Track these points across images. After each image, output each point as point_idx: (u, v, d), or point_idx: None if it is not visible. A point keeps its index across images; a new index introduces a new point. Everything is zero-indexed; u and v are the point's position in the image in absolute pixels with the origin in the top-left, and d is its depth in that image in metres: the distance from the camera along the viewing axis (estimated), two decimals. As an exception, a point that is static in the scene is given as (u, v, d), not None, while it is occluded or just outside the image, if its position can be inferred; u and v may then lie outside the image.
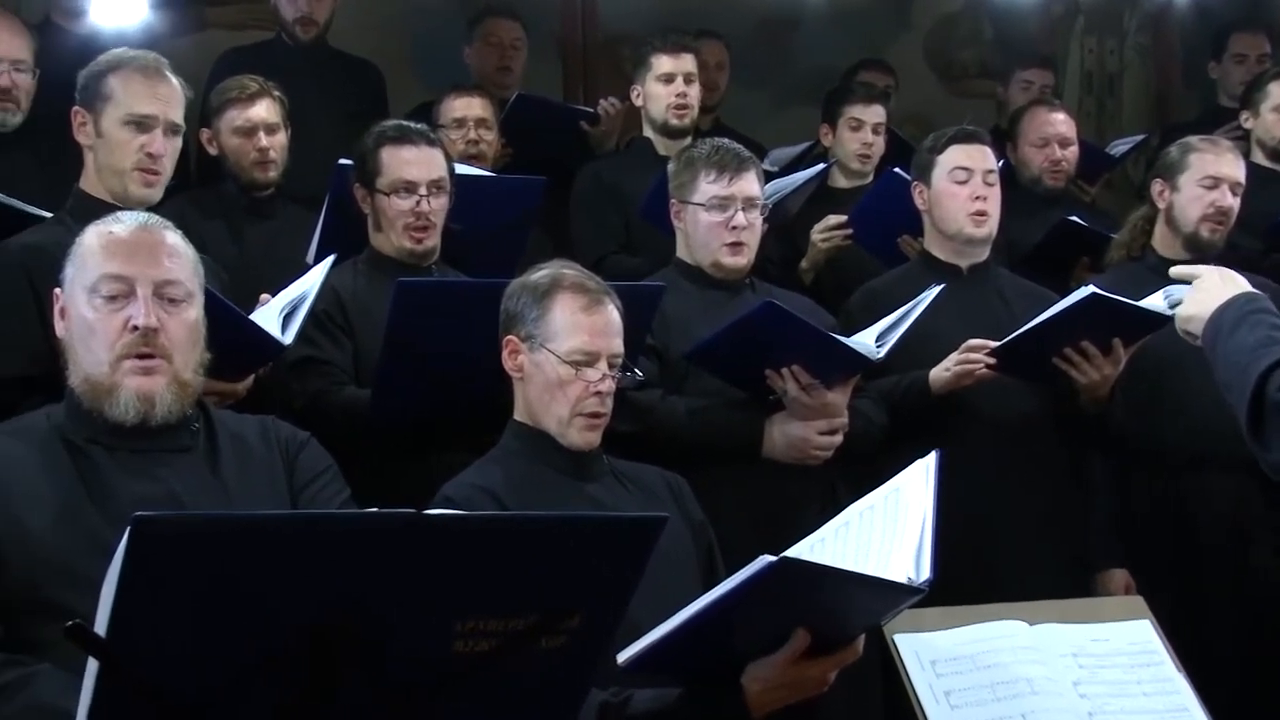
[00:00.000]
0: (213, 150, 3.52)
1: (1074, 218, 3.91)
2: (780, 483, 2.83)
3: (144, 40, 3.72)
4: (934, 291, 2.92)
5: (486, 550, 1.43)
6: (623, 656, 1.77)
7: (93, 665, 1.34)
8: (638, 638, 1.79)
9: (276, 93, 3.48)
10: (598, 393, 2.27)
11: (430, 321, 2.63)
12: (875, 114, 4.21)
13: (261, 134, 3.43)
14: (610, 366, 2.30)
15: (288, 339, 2.56)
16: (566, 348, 2.27)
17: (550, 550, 1.47)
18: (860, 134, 4.19)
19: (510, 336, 2.34)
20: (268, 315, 2.59)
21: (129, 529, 1.28)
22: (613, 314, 2.33)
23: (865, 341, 2.84)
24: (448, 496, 2.21)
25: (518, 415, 2.37)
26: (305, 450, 2.15)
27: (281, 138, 3.48)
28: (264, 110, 3.44)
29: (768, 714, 1.84)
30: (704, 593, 1.75)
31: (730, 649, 1.82)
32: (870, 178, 4.17)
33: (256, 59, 4.02)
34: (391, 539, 1.36)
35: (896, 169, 3.73)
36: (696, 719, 1.86)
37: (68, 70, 2.89)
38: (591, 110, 4.47)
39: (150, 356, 1.98)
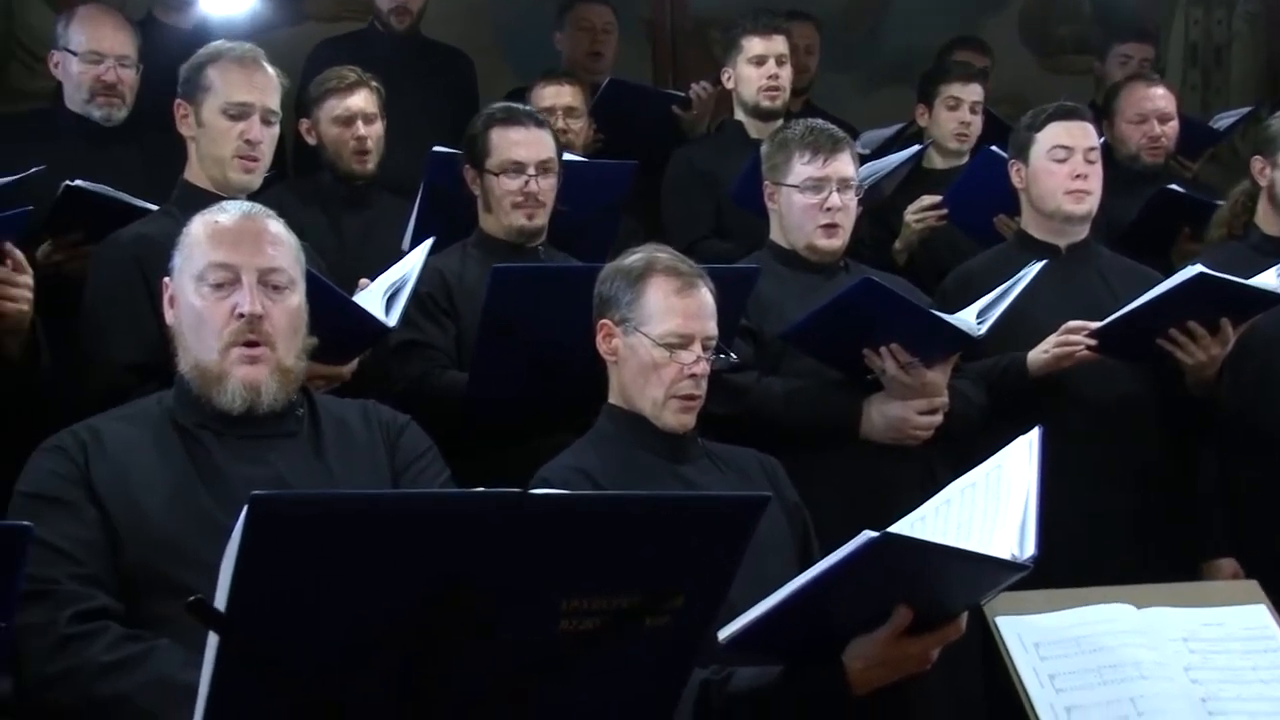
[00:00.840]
0: (311, 140, 3.59)
1: (1172, 185, 3.82)
2: (878, 464, 2.82)
3: (245, 33, 3.79)
4: (1036, 268, 2.89)
5: (592, 530, 1.45)
6: (723, 634, 1.78)
7: (212, 639, 1.38)
8: (734, 618, 1.80)
9: (374, 83, 3.54)
10: (692, 375, 2.29)
11: (526, 306, 2.67)
12: (973, 93, 4.15)
13: (359, 123, 3.49)
14: (704, 349, 2.31)
15: (391, 321, 2.60)
16: (660, 331, 2.29)
17: (654, 530, 1.48)
18: (958, 113, 4.14)
19: (604, 320, 2.36)
20: (371, 298, 2.63)
21: (247, 508, 1.31)
22: (706, 297, 2.34)
23: (966, 319, 2.82)
24: (544, 479, 2.24)
25: (612, 398, 2.39)
26: (406, 433, 2.19)
27: (378, 127, 3.53)
28: (362, 100, 3.50)
29: (869, 692, 1.84)
30: (799, 575, 1.76)
31: (831, 627, 1.82)
32: (966, 158, 4.12)
33: (350, 49, 4.08)
34: (499, 518, 1.38)
35: (994, 147, 3.68)
36: (797, 696, 1.86)
37: (170, 65, 2.97)
38: (683, 94, 4.48)
39: (256, 344, 2.04)
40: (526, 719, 1.51)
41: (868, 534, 1.63)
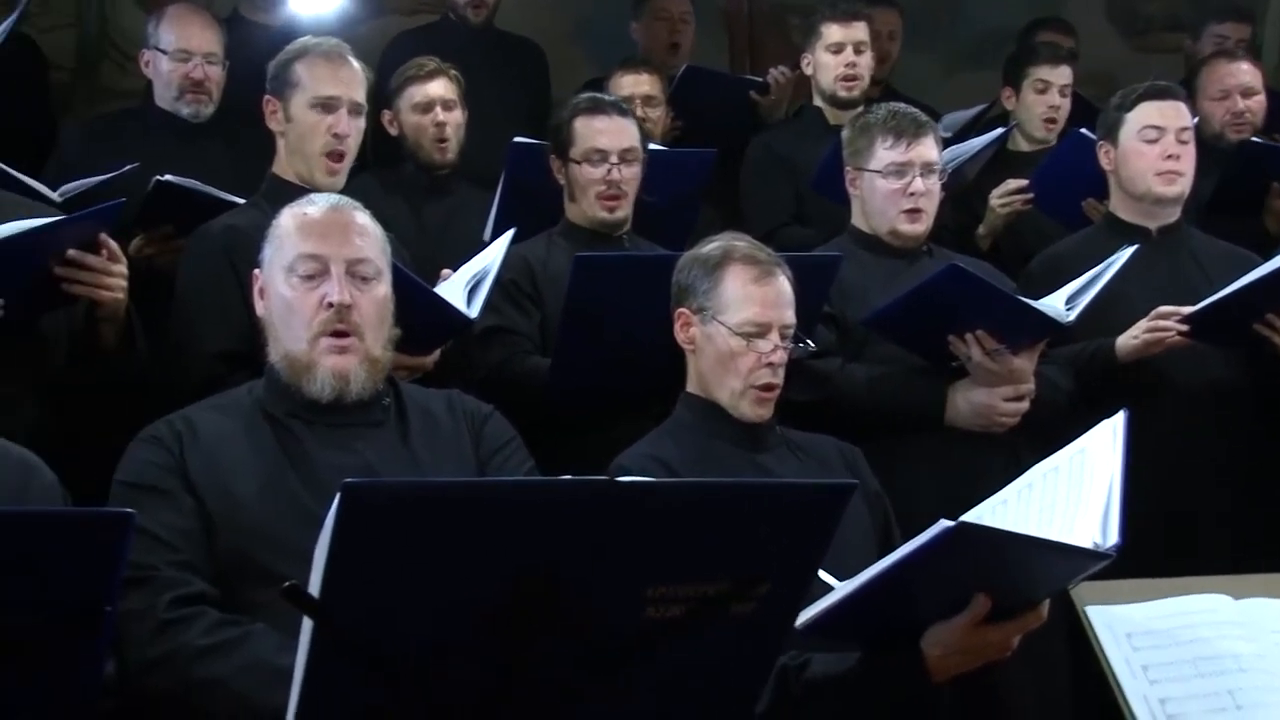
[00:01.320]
0: (393, 131, 3.62)
1: (1254, 138, 3.73)
2: (963, 450, 2.79)
3: (330, 29, 3.85)
4: (1127, 252, 2.84)
5: (679, 517, 1.45)
6: (800, 620, 1.78)
7: (307, 624, 1.40)
8: (812, 604, 1.80)
9: (453, 72, 3.57)
10: (769, 364, 2.29)
11: (608, 294, 2.68)
12: (1062, 75, 4.08)
13: (439, 109, 3.52)
14: (782, 337, 2.31)
15: (473, 313, 2.63)
16: (738, 319, 2.29)
17: (741, 517, 1.48)
18: (1047, 96, 4.07)
19: (682, 309, 2.37)
20: (453, 289, 2.66)
21: (339, 495, 1.33)
22: (783, 285, 2.33)
23: (1054, 305, 2.78)
24: (622, 467, 2.25)
25: (690, 387, 2.39)
26: (490, 422, 2.21)
27: (457, 115, 3.56)
28: (441, 87, 3.53)
29: (950, 679, 1.82)
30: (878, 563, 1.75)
31: (909, 614, 1.81)
32: (1053, 141, 4.06)
33: (426, 41, 4.12)
34: (588, 506, 1.39)
35: (1082, 129, 3.62)
36: (875, 683, 1.86)
37: (256, 62, 3.03)
38: (760, 79, 4.46)
39: (344, 334, 2.07)
40: (613, 704, 1.53)
41: (944, 523, 1.62)
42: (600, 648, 1.48)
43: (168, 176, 2.98)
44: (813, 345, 2.49)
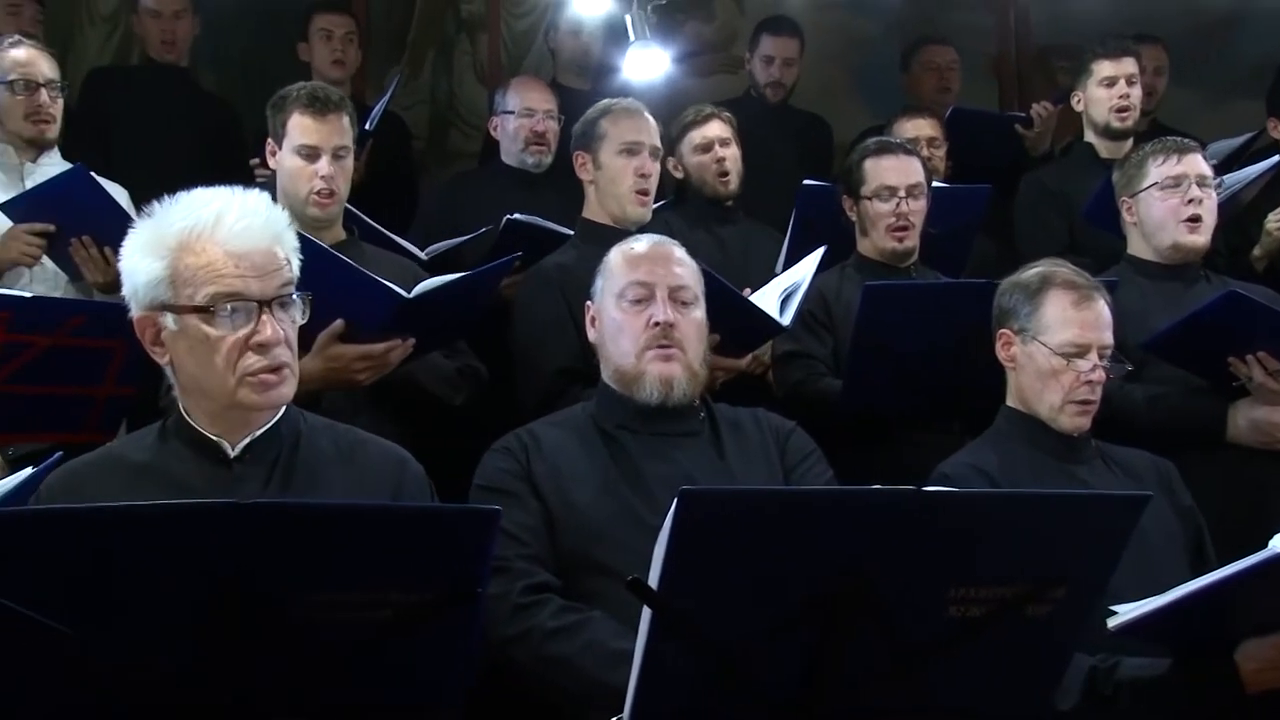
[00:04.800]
0: (678, 174, 3.64)
1: None
2: (1249, 467, 2.61)
3: (634, 90, 3.93)
4: None
5: (981, 524, 1.42)
6: (1113, 624, 1.70)
7: (646, 613, 1.44)
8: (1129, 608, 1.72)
9: (725, 114, 3.58)
10: (1088, 382, 2.22)
11: (894, 319, 2.64)
12: (1330, 104, 3.76)
13: (718, 147, 3.53)
14: (1100, 357, 2.24)
15: (785, 320, 2.64)
16: (1058, 340, 2.24)
17: (1040, 525, 1.45)
18: (1314, 125, 3.75)
19: (1004, 330, 2.33)
20: (766, 300, 2.68)
21: (677, 501, 1.36)
22: (1102, 308, 2.27)
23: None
24: (944, 474, 2.22)
25: (1010, 401, 2.34)
26: (794, 436, 2.21)
27: (734, 150, 3.55)
28: (717, 128, 3.54)
29: (1260, 692, 1.70)
30: (1190, 575, 1.65)
31: (1225, 626, 1.71)
32: (1327, 165, 3.72)
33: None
34: (897, 512, 1.38)
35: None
36: (1187, 689, 1.76)
37: (572, 122, 3.16)
38: (1024, 114, 4.29)
39: (668, 347, 2.13)
40: (915, 693, 1.50)
41: (1276, 548, 1.51)
42: (905, 641, 1.46)
43: (516, 215, 3.13)
44: (1130, 366, 2.40)
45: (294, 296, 1.72)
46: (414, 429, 2.51)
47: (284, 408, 1.77)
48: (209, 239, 1.67)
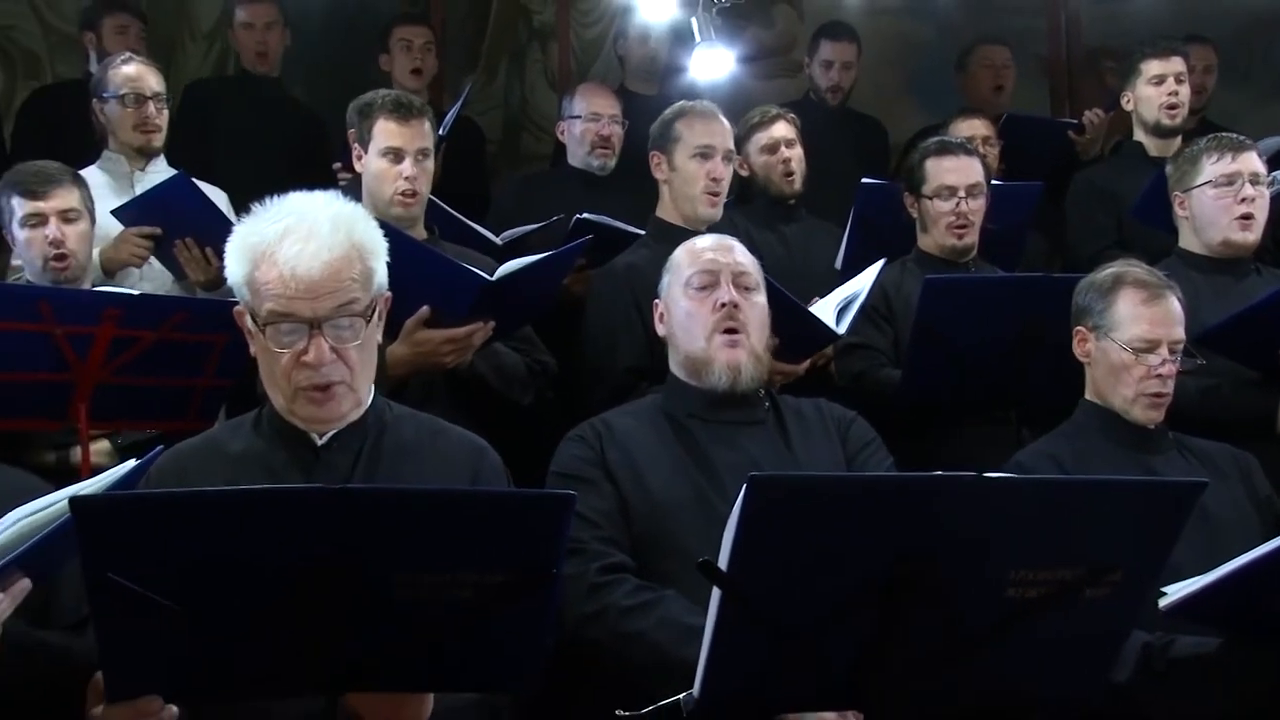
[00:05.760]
0: (744, 173, 3.62)
1: None
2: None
3: (700, 92, 3.93)
4: None
5: (1040, 509, 1.41)
6: (1165, 602, 1.68)
7: (716, 593, 1.45)
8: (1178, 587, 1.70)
9: (790, 115, 3.56)
10: (1159, 375, 2.22)
11: (952, 312, 2.63)
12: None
13: (783, 148, 3.51)
14: (1171, 352, 2.24)
15: (841, 329, 2.64)
16: (1128, 336, 2.24)
17: (1097, 510, 1.43)
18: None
19: (1079, 327, 2.33)
20: (824, 309, 2.68)
21: (746, 486, 1.37)
22: (1173, 305, 2.26)
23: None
24: (1019, 461, 2.24)
25: (1088, 394, 2.34)
26: (855, 425, 2.21)
27: (799, 150, 3.52)
28: (782, 129, 3.52)
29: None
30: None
31: (1274, 605, 1.67)
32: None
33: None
34: (959, 497, 1.38)
35: None
36: (1239, 667, 1.74)
37: (638, 125, 3.16)
38: (1077, 121, 4.23)
39: (734, 330, 2.14)
40: (974, 671, 1.50)
41: None
42: (965, 621, 1.46)
43: (586, 214, 3.15)
44: (1202, 361, 2.39)
45: (347, 321, 1.68)
46: (483, 421, 2.54)
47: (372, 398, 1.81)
48: (272, 258, 1.68)
